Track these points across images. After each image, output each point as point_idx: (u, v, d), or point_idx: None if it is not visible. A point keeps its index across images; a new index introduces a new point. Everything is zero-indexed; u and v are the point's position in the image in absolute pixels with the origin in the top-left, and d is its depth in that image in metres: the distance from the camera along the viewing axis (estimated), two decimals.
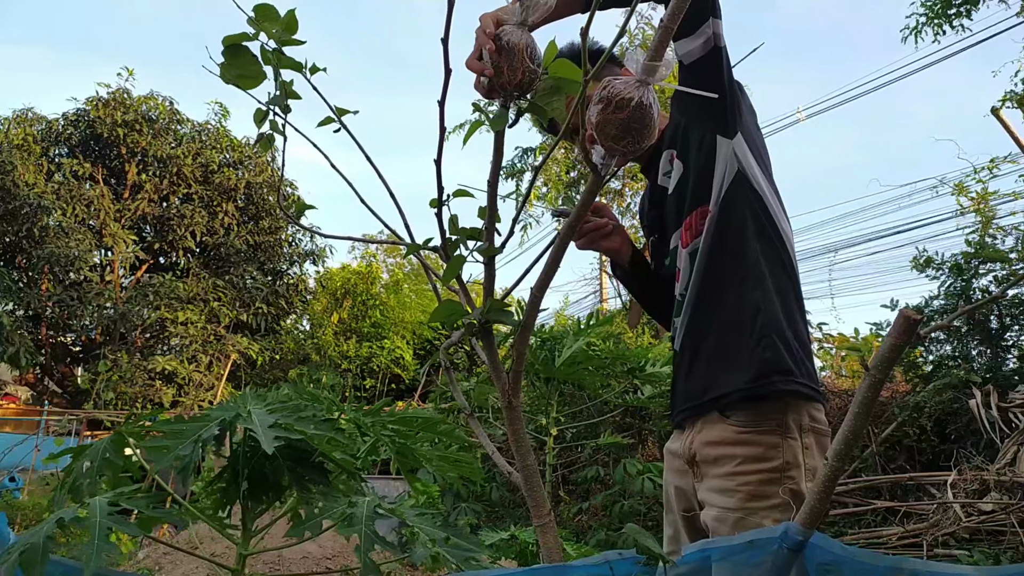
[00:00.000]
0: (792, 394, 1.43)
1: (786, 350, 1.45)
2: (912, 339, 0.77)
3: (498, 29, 1.18)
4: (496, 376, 1.24)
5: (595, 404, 6.02)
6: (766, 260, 1.50)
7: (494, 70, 1.15)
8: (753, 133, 1.58)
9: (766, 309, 1.46)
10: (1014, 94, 8.63)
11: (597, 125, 1.05)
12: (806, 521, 0.85)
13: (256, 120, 1.36)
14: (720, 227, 1.52)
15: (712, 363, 1.52)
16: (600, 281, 18.58)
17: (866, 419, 0.83)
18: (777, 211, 1.56)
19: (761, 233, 1.52)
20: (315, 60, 1.33)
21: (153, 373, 12.35)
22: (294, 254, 15.23)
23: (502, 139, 1.24)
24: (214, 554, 5.04)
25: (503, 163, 8.09)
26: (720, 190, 1.52)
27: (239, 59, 1.26)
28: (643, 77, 1.04)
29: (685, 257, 1.57)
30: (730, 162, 1.52)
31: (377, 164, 1.39)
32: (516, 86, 1.16)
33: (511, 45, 1.14)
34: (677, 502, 1.63)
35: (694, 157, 1.56)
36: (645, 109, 1.03)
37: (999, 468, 4.61)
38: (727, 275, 1.51)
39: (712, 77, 1.43)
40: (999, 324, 6.13)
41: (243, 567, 1.37)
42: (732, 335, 1.49)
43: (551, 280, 1.20)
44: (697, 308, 1.55)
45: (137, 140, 13.62)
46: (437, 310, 1.23)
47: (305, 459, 1.32)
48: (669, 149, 1.62)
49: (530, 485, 1.20)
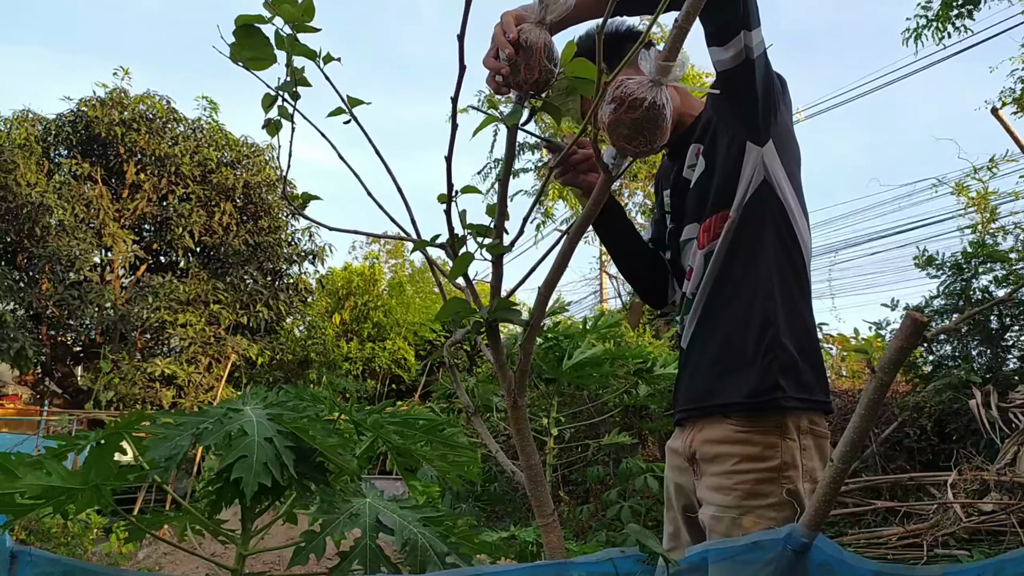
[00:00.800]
0: (792, 410, 1.45)
1: (792, 365, 1.46)
2: (919, 342, 0.76)
3: (518, 27, 1.18)
4: (502, 375, 1.23)
5: (595, 404, 6.02)
6: (781, 272, 1.50)
7: (511, 67, 1.15)
8: (785, 139, 1.56)
9: (776, 322, 1.47)
10: (1011, 92, 8.63)
11: (609, 125, 1.04)
12: (810, 523, 0.85)
13: (264, 105, 1.35)
14: (739, 234, 1.51)
15: (716, 368, 1.52)
16: (600, 281, 18.58)
17: (872, 421, 0.82)
18: (798, 220, 1.55)
19: (780, 244, 1.52)
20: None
21: (153, 375, 12.34)
22: (294, 254, 15.21)
23: (515, 137, 1.23)
24: (214, 554, 5.03)
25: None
26: (743, 197, 1.51)
27: (251, 39, 1.24)
28: (656, 77, 1.03)
29: (700, 258, 1.57)
30: (757, 170, 1.51)
31: (366, 164, 1.38)
32: (532, 84, 1.16)
33: (529, 43, 1.14)
34: (677, 499, 1.64)
35: (721, 159, 1.55)
36: (658, 110, 1.03)
37: (999, 468, 4.61)
38: (741, 282, 1.51)
39: (744, 87, 1.41)
40: (999, 324, 6.13)
41: (243, 567, 1.37)
42: (740, 343, 1.49)
43: (559, 279, 1.20)
44: (708, 311, 1.56)
45: (135, 139, 13.61)
46: (443, 308, 1.22)
47: (305, 459, 1.32)
48: (698, 143, 1.61)
49: (534, 485, 1.20)
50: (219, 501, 1.36)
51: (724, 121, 1.55)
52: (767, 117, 1.48)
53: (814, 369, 1.50)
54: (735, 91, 1.42)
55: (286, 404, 1.32)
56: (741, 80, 1.40)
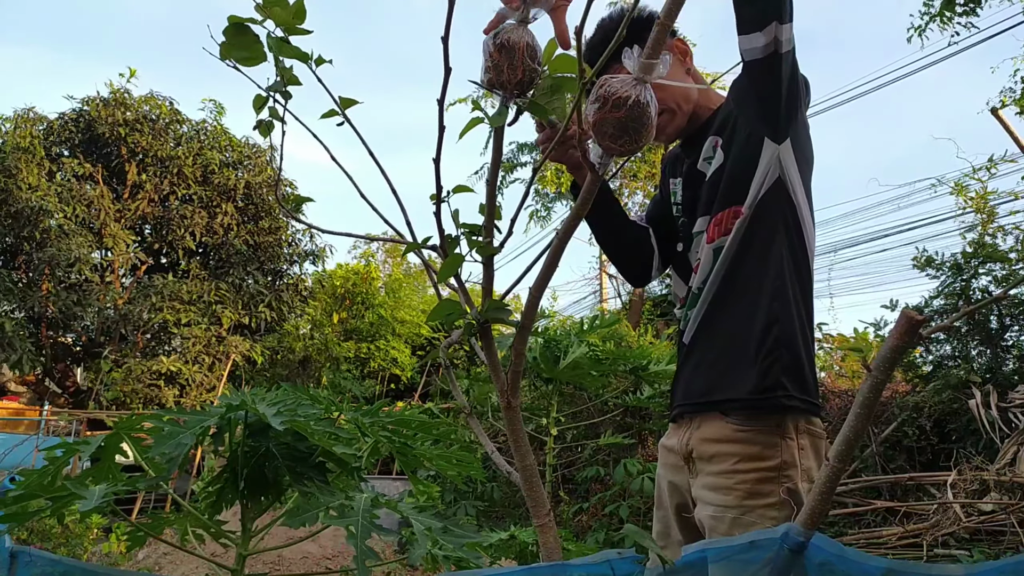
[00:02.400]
0: (792, 409, 1.45)
1: (794, 365, 1.46)
2: (915, 340, 0.77)
3: (499, 27, 1.18)
4: (495, 376, 1.23)
5: (595, 404, 6.02)
6: (789, 272, 1.50)
7: (494, 68, 1.15)
8: (803, 141, 1.55)
9: (781, 323, 1.47)
10: (1011, 92, 8.62)
11: (594, 124, 1.05)
12: (807, 522, 0.85)
13: (255, 106, 1.35)
14: (750, 232, 1.51)
15: (718, 365, 1.52)
16: (600, 281, 18.57)
17: (868, 420, 0.83)
18: (807, 221, 1.55)
19: (789, 244, 1.52)
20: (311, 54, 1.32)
21: (155, 374, 12.34)
22: (294, 254, 15.22)
23: (501, 137, 1.23)
24: (214, 554, 5.03)
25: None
26: (756, 194, 1.50)
27: (241, 38, 1.24)
28: (640, 75, 1.03)
29: (708, 252, 1.56)
30: (772, 167, 1.50)
31: (364, 163, 1.39)
32: (516, 85, 1.16)
33: (511, 43, 1.14)
34: (671, 498, 1.64)
35: (737, 153, 1.54)
36: (642, 107, 1.03)
37: (999, 468, 4.61)
38: (749, 281, 1.51)
39: (769, 81, 1.40)
40: (999, 324, 6.13)
41: (243, 567, 1.37)
42: (744, 341, 1.49)
43: (550, 279, 1.20)
44: (713, 308, 1.55)
45: (138, 140, 13.61)
46: (435, 309, 1.22)
47: (304, 458, 1.32)
48: (716, 136, 1.60)
49: (529, 485, 1.20)
50: (219, 502, 1.37)
51: (744, 115, 1.54)
52: (788, 115, 1.47)
53: (812, 371, 1.50)
54: (760, 82, 1.41)
55: (286, 403, 1.32)
56: (767, 72, 1.38)
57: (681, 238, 1.70)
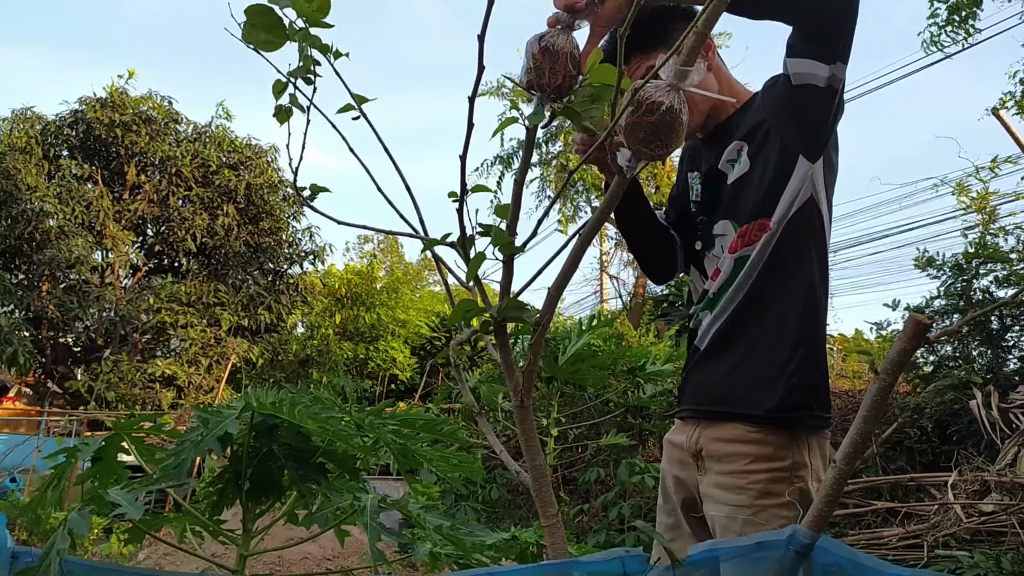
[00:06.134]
0: (810, 428, 1.47)
1: (820, 385, 1.48)
2: (922, 344, 0.76)
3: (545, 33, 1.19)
4: (509, 375, 1.22)
5: (596, 404, 6.01)
6: (814, 290, 1.51)
7: (535, 70, 1.16)
8: (833, 157, 1.56)
9: (809, 342, 1.48)
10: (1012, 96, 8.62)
11: (626, 128, 1.05)
12: (813, 524, 0.85)
13: (275, 92, 1.34)
14: (779, 247, 1.50)
15: (737, 376, 1.52)
16: (600, 281, 18.59)
17: (875, 423, 0.82)
18: (828, 237, 1.56)
19: (819, 263, 1.52)
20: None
21: (153, 376, 12.33)
22: (294, 254, 15.21)
23: (533, 137, 1.23)
24: (215, 554, 5.03)
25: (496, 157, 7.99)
26: (787, 211, 1.50)
27: (265, 20, 1.23)
28: (674, 82, 1.03)
29: (730, 262, 1.55)
30: (805, 185, 1.50)
31: (372, 165, 1.37)
32: (555, 89, 1.16)
33: (555, 48, 1.15)
34: (676, 492, 1.64)
35: (769, 165, 1.52)
36: (675, 114, 1.03)
37: (1000, 469, 4.61)
38: (778, 297, 1.51)
39: (820, 110, 1.43)
40: (1000, 325, 6.13)
41: (243, 568, 1.37)
42: (768, 357, 1.49)
43: (570, 279, 1.20)
44: (737, 321, 1.54)
45: (135, 141, 13.59)
46: (455, 310, 1.21)
47: (306, 459, 1.32)
48: (743, 141, 1.57)
49: (539, 485, 1.19)
50: (220, 502, 1.36)
51: (780, 129, 1.52)
52: (829, 137, 1.49)
53: (828, 386, 1.52)
54: (810, 108, 1.43)
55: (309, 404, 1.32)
56: (823, 102, 1.41)
57: (700, 236, 1.69)
